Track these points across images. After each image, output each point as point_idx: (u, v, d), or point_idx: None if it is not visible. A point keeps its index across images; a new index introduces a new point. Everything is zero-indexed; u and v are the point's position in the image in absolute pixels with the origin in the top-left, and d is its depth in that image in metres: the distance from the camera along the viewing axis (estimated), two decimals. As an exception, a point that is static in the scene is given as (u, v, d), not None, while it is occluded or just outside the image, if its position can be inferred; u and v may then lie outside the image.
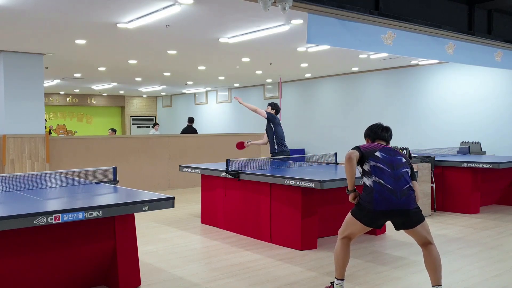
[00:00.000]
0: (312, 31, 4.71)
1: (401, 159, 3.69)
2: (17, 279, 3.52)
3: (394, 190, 3.52)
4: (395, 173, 3.59)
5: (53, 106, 19.99)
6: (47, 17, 6.51)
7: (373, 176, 3.60)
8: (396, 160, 3.66)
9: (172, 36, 7.87)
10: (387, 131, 3.90)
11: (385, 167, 3.60)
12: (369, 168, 3.64)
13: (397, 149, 3.95)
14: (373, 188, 3.57)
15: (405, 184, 3.57)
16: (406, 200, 3.53)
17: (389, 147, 3.78)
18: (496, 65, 6.93)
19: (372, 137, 3.89)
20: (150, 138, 10.83)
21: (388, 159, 3.65)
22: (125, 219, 3.93)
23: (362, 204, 3.68)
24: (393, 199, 3.50)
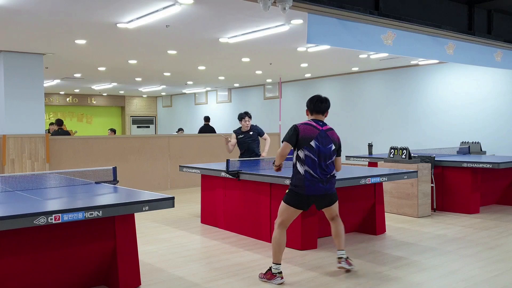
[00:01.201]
0: (312, 31, 4.71)
1: (330, 148, 4.19)
2: (17, 279, 3.52)
3: (321, 179, 4.13)
4: (324, 164, 4.14)
5: (53, 106, 19.98)
6: (47, 17, 6.51)
7: (305, 166, 4.11)
8: (327, 151, 4.16)
9: (172, 36, 7.87)
10: (325, 102, 4.35)
11: (317, 159, 4.11)
12: (303, 157, 4.12)
13: (330, 130, 4.23)
14: (305, 177, 4.11)
15: (330, 172, 4.20)
16: (330, 186, 4.22)
17: (324, 132, 4.19)
18: (496, 65, 6.93)
19: (311, 109, 4.36)
20: (150, 138, 10.83)
21: (321, 150, 4.13)
22: (125, 219, 3.93)
23: (294, 190, 4.18)
24: (321, 186, 4.14)
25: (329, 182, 4.19)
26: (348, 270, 4.37)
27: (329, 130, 4.26)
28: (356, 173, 5.65)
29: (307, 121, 4.30)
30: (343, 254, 4.40)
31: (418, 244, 5.44)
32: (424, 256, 4.92)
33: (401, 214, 7.06)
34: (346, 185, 5.17)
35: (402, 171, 5.87)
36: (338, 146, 4.30)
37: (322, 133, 4.18)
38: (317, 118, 4.32)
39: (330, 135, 4.24)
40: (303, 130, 4.15)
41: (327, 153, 4.16)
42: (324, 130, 4.21)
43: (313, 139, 4.12)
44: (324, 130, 4.21)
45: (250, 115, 7.48)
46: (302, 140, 4.12)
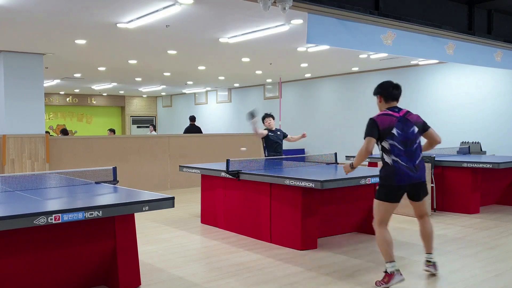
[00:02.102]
0: (312, 31, 4.71)
1: (413, 131, 4.08)
2: (17, 279, 3.52)
3: (410, 166, 4.02)
4: (409, 150, 4.03)
5: (53, 106, 19.98)
6: (47, 17, 6.51)
7: (392, 156, 4.00)
8: (410, 136, 4.05)
9: (172, 36, 7.87)
10: (398, 89, 4.31)
11: (401, 146, 4.00)
12: (389, 147, 4.02)
13: (408, 114, 4.18)
14: (394, 166, 4.00)
15: (417, 158, 4.07)
16: (420, 174, 4.10)
17: (402, 117, 4.09)
18: (496, 65, 6.93)
19: (385, 97, 4.27)
20: (150, 138, 10.83)
21: (403, 136, 4.02)
22: (125, 219, 3.92)
23: (384, 184, 4.08)
24: (411, 174, 4.02)
25: (418, 169, 4.08)
26: (433, 274, 4.27)
27: (407, 114, 4.15)
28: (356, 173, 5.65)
29: (382, 111, 4.20)
30: (432, 257, 4.29)
31: (418, 244, 5.43)
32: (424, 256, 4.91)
33: (401, 214, 7.05)
34: (346, 185, 5.17)
35: (402, 171, 5.85)
36: (422, 124, 4.19)
37: (401, 118, 4.09)
38: (392, 105, 4.23)
39: (410, 118, 4.13)
40: (381, 121, 4.06)
41: (411, 138, 4.05)
42: (402, 115, 4.12)
43: (394, 127, 4.02)
44: (402, 115, 4.12)
45: (274, 116, 7.72)
46: (384, 132, 4.03)
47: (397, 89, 4.29)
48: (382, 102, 4.28)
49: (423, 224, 4.33)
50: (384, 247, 4.00)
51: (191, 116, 13.02)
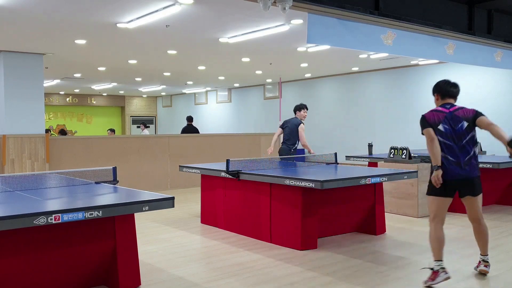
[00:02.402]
0: (312, 31, 4.71)
1: (462, 126, 4.09)
2: (17, 279, 3.52)
3: (458, 162, 4.03)
4: (458, 146, 4.05)
5: (53, 106, 19.99)
6: (47, 17, 6.51)
7: (441, 151, 4.02)
8: (458, 131, 4.07)
9: (172, 36, 7.87)
10: (455, 87, 4.29)
11: (449, 141, 4.05)
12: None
13: (459, 110, 4.20)
14: (442, 162, 4.02)
15: (466, 154, 4.06)
16: (470, 169, 4.05)
17: (451, 113, 4.12)
18: (496, 65, 6.93)
19: (442, 94, 4.25)
20: (150, 138, 10.83)
21: (451, 132, 4.07)
22: (125, 219, 3.92)
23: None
24: (458, 170, 4.03)
25: (468, 165, 4.05)
26: (485, 273, 4.26)
27: (458, 110, 4.18)
28: (356, 173, 5.65)
29: (434, 108, 4.25)
30: (487, 258, 4.29)
31: (418, 244, 5.44)
32: (424, 256, 4.92)
33: (401, 214, 7.06)
34: (346, 185, 5.17)
35: (402, 171, 5.87)
36: (472, 117, 4.16)
37: (449, 114, 4.13)
38: (448, 102, 4.26)
39: (459, 114, 4.15)
40: (429, 117, 4.15)
41: (459, 133, 4.08)
42: (451, 111, 4.15)
43: (441, 123, 4.09)
44: (451, 111, 4.15)
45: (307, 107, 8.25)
46: (432, 127, 4.10)
47: (454, 87, 4.29)
48: (439, 100, 4.29)
49: (477, 227, 4.25)
50: (434, 244, 4.03)
51: (189, 116, 13.05)
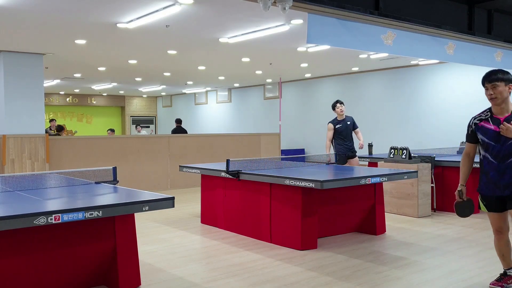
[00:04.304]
0: (312, 31, 4.71)
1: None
2: (17, 279, 3.52)
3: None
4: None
5: (53, 106, 19.99)
6: (47, 17, 6.51)
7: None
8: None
9: (172, 36, 7.87)
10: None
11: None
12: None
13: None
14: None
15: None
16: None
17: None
18: (496, 65, 6.92)
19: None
20: (150, 138, 10.84)
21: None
22: (125, 219, 3.92)
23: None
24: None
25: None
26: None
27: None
28: (356, 173, 5.65)
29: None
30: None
31: (418, 244, 5.44)
32: (424, 256, 4.92)
33: (401, 214, 7.06)
34: (346, 185, 5.17)
35: (402, 171, 5.87)
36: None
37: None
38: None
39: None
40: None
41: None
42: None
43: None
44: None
45: (342, 102, 7.96)
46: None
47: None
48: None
49: (498, 240, 3.87)
50: (498, 254, 3.87)
51: (177, 119, 13.88)
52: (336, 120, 7.81)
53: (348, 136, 7.70)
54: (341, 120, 7.75)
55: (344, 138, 7.67)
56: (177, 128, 13.41)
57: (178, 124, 13.59)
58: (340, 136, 7.69)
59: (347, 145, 7.69)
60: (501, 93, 3.58)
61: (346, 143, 7.69)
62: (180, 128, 13.45)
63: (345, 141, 7.68)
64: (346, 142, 7.68)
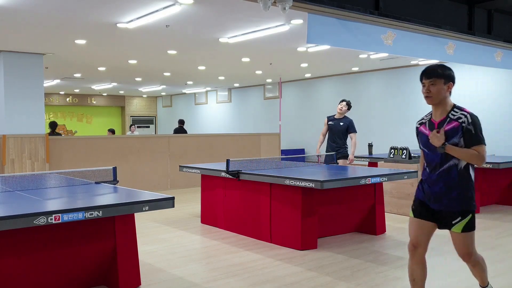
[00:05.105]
0: (312, 31, 4.71)
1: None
2: (17, 279, 3.52)
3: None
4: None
5: (53, 106, 19.99)
6: (47, 17, 6.51)
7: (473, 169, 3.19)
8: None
9: (172, 36, 7.87)
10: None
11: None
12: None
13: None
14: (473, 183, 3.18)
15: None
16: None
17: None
18: (496, 65, 6.93)
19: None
20: (150, 138, 10.83)
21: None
22: (125, 219, 3.92)
23: (474, 206, 3.15)
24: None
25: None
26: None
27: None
28: (356, 173, 5.65)
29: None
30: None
31: (418, 244, 5.43)
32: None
33: (401, 214, 7.05)
34: (346, 185, 5.17)
35: (402, 171, 5.87)
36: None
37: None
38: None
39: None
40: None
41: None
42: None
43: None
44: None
45: (350, 103, 7.71)
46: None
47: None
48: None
49: (411, 257, 3.31)
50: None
51: (180, 119, 14.56)
52: (332, 117, 7.75)
53: (338, 135, 7.55)
54: (337, 118, 7.66)
55: (332, 137, 7.60)
56: (179, 128, 13.99)
57: (180, 124, 14.20)
58: (330, 134, 7.65)
59: (334, 145, 7.58)
60: (439, 92, 3.11)
61: (334, 142, 7.59)
62: (181, 128, 13.98)
63: (333, 140, 7.59)
64: (336, 141, 7.57)
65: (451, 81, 3.13)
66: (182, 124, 14.37)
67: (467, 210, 3.07)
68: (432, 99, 3.16)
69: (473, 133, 3.00)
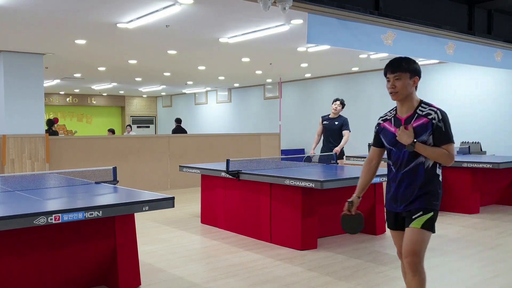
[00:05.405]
0: (312, 31, 4.71)
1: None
2: (17, 279, 3.52)
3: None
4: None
5: (53, 106, 19.98)
6: (47, 17, 6.51)
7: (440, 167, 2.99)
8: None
9: (172, 36, 7.87)
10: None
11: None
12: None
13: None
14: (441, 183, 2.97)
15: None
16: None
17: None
18: (496, 65, 6.93)
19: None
20: (150, 138, 10.84)
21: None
22: (125, 219, 3.92)
23: (438, 206, 2.94)
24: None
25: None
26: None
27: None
28: (356, 173, 5.65)
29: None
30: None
31: (418, 244, 5.43)
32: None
33: (401, 214, 7.04)
34: (346, 185, 5.17)
35: (402, 171, 5.86)
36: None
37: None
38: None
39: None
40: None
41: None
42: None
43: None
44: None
45: (343, 102, 7.60)
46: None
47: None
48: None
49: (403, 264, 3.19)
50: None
51: (177, 118, 13.87)
52: (327, 117, 7.62)
53: (332, 136, 7.44)
54: (332, 118, 7.54)
55: (328, 137, 7.49)
56: (177, 128, 13.46)
57: (178, 124, 13.61)
58: (325, 134, 7.52)
59: (330, 145, 7.46)
60: (404, 87, 2.93)
61: (330, 142, 7.47)
62: (180, 128, 13.51)
63: (328, 140, 7.47)
64: (331, 140, 7.46)
65: (417, 75, 2.98)
66: (179, 123, 13.68)
67: (430, 208, 2.87)
68: (397, 94, 2.95)
69: (443, 130, 2.84)
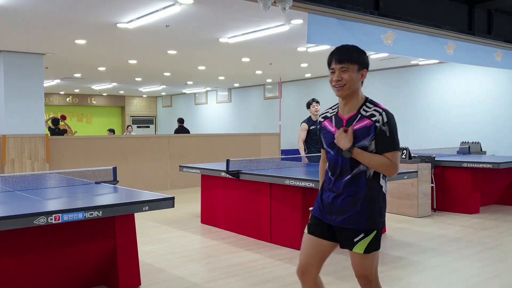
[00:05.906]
0: (312, 31, 4.71)
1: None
2: (17, 279, 3.52)
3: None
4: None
5: (53, 106, 19.98)
6: (47, 17, 6.51)
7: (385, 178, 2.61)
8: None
9: (172, 36, 7.87)
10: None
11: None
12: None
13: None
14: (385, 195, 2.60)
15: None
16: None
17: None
18: (496, 65, 6.93)
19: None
20: (150, 138, 10.84)
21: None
22: (125, 219, 3.93)
23: (383, 223, 2.59)
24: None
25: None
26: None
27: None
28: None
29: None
30: None
31: (418, 244, 5.44)
32: (424, 256, 4.92)
33: (401, 214, 7.06)
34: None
35: (402, 171, 5.87)
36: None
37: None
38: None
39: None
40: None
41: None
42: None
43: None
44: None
45: (318, 101, 7.26)
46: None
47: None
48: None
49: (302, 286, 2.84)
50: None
51: (180, 118, 13.67)
52: (311, 121, 7.13)
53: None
54: (316, 121, 6.90)
55: (316, 141, 6.85)
56: (180, 128, 13.23)
57: (180, 123, 13.37)
58: (313, 139, 6.99)
59: (319, 150, 7.11)
60: (352, 81, 2.54)
61: (318, 147, 6.88)
62: (183, 127, 13.32)
63: (317, 145, 6.93)
64: (318, 146, 7.06)
65: (366, 68, 2.57)
66: (182, 123, 13.40)
67: (373, 228, 2.49)
68: (344, 89, 2.55)
69: (388, 136, 2.45)
